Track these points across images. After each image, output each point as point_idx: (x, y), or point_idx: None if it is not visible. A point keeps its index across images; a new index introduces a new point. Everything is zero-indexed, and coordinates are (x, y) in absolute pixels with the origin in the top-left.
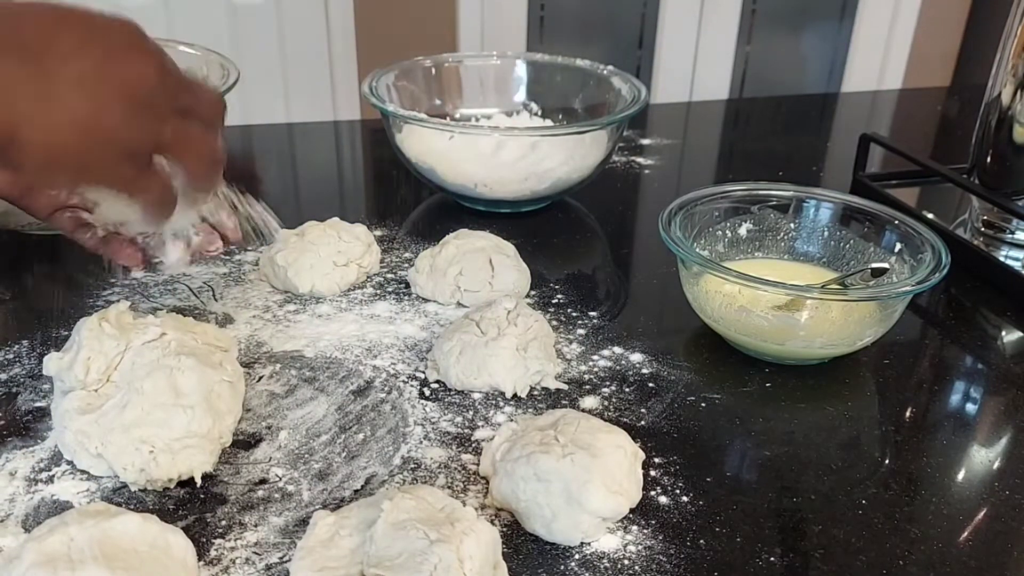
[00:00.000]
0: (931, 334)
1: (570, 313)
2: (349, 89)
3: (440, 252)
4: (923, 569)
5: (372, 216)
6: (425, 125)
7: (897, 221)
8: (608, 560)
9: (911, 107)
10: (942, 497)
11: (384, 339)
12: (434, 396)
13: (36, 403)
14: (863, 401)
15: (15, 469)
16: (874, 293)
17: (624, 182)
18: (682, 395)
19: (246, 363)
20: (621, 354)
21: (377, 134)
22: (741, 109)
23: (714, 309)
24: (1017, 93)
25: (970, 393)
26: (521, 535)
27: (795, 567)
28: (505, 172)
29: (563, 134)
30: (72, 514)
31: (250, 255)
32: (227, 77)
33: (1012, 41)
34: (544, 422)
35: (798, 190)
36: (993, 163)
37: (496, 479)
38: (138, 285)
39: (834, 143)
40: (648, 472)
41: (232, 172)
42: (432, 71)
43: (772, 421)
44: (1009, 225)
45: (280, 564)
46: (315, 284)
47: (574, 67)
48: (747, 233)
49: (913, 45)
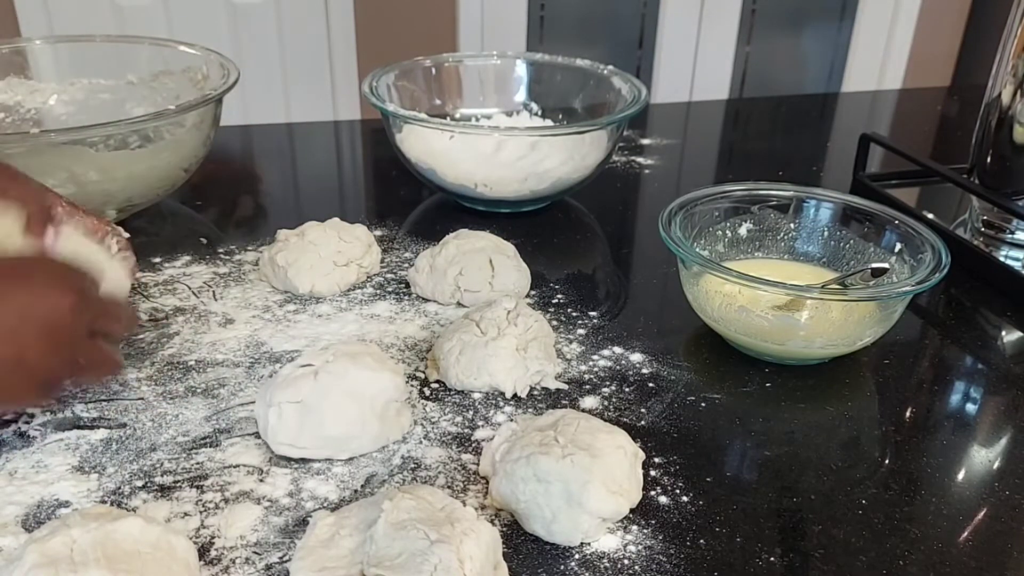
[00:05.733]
0: (931, 334)
1: (570, 313)
2: (349, 89)
3: (440, 252)
4: (923, 569)
5: (372, 216)
6: (425, 125)
7: (897, 221)
8: (608, 560)
9: (911, 107)
10: (942, 497)
11: (384, 339)
12: (434, 396)
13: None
14: (863, 401)
15: (15, 469)
16: (874, 293)
17: (624, 182)
18: (682, 395)
19: (246, 363)
20: (621, 354)
21: (377, 134)
22: (741, 109)
23: (714, 309)
24: (1017, 93)
25: (970, 393)
26: (521, 535)
27: (795, 567)
28: (505, 172)
29: (563, 134)
30: (74, 516)
31: (250, 255)
32: (227, 77)
33: (1012, 41)
34: (544, 422)
35: (798, 190)
36: (993, 163)
37: (496, 479)
38: (138, 285)
39: (834, 143)
40: (648, 472)
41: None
42: (432, 71)
43: (772, 421)
44: (1009, 225)
45: (280, 564)
46: (315, 284)
47: (574, 67)
48: (747, 233)
49: (913, 45)
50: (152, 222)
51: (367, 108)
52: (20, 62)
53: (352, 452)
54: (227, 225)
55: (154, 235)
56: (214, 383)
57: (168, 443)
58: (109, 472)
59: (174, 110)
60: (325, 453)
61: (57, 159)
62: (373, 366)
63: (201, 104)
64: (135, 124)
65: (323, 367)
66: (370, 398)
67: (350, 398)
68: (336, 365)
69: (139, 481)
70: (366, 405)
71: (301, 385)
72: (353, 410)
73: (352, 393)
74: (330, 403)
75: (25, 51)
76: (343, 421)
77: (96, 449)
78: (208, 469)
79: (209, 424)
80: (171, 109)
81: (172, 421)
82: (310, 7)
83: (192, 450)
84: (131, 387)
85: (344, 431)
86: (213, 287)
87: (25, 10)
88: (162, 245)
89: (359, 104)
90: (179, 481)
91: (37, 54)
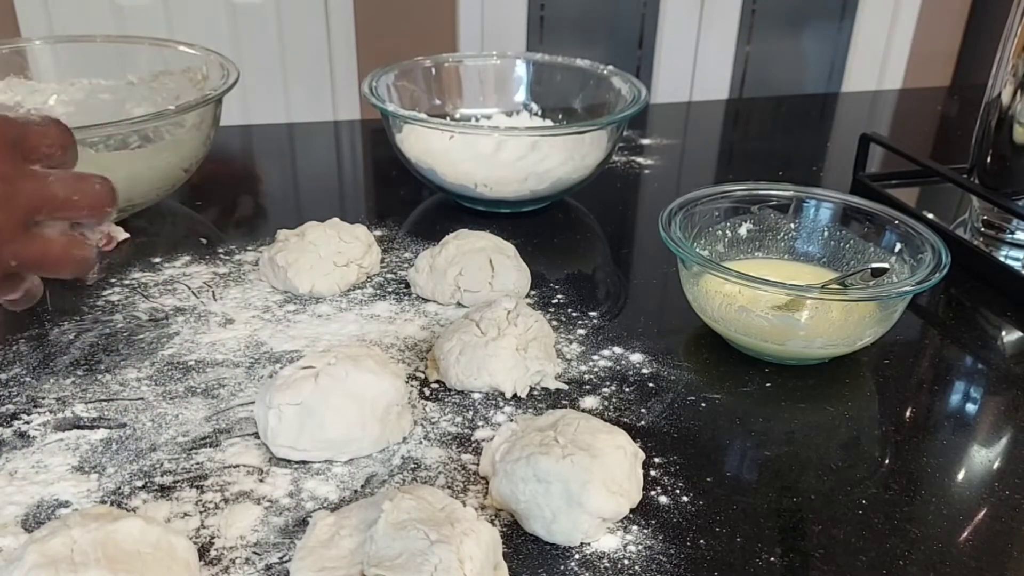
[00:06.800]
0: (931, 334)
1: (570, 313)
2: (349, 89)
3: (440, 252)
4: (923, 569)
5: (372, 216)
6: (425, 125)
7: (897, 221)
8: (608, 560)
9: (911, 107)
10: (942, 497)
11: (384, 339)
12: (434, 396)
13: None
14: (863, 401)
15: (15, 469)
16: (874, 293)
17: (624, 182)
18: (682, 395)
19: (246, 363)
20: (621, 354)
21: (377, 134)
22: (741, 109)
23: (714, 309)
24: (1017, 93)
25: (970, 393)
26: (521, 535)
27: (795, 567)
28: (505, 172)
29: (563, 134)
30: (75, 516)
31: (250, 255)
32: (227, 77)
33: (1012, 41)
34: (544, 422)
35: (798, 190)
36: (993, 163)
37: (496, 480)
38: (138, 285)
39: (834, 143)
40: (648, 472)
41: (232, 172)
42: (432, 71)
43: (772, 421)
44: (1009, 225)
45: (280, 564)
46: (315, 284)
47: (574, 67)
48: (747, 233)
49: (913, 45)
50: (152, 222)
51: (367, 108)
52: (20, 62)
53: (352, 454)
54: (227, 225)
55: (154, 235)
56: (214, 383)
57: (168, 443)
58: (109, 472)
59: (174, 110)
60: (325, 455)
61: None
62: (375, 369)
63: (201, 104)
64: (135, 124)
65: (324, 369)
66: (371, 401)
67: (351, 401)
68: (337, 367)
69: (139, 481)
70: (367, 408)
71: (301, 387)
72: (353, 413)
73: (353, 396)
74: (330, 406)
75: (25, 51)
76: (343, 424)
77: (96, 449)
78: (208, 469)
79: (209, 424)
80: (171, 109)
81: (172, 421)
82: (310, 7)
83: (192, 450)
84: (131, 387)
85: (344, 434)
86: (213, 287)
87: (25, 10)
88: (162, 245)
89: (359, 104)
90: (179, 481)
91: (37, 54)
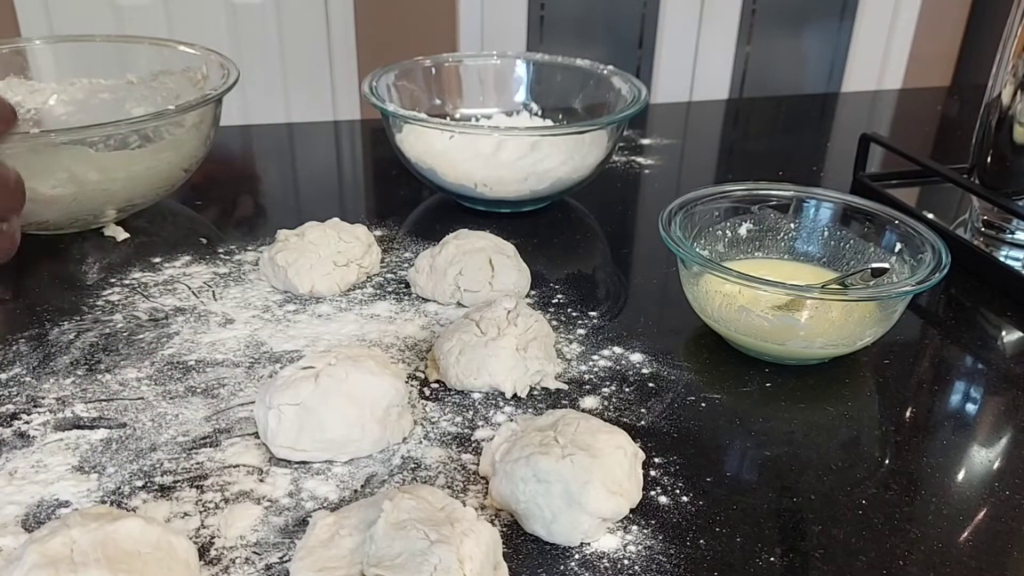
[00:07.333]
0: (931, 334)
1: (570, 313)
2: (349, 89)
3: (440, 252)
4: (923, 569)
5: (372, 216)
6: (425, 125)
7: (897, 221)
8: (608, 560)
9: (911, 107)
10: (942, 497)
11: (384, 339)
12: (434, 396)
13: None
14: (863, 401)
15: (15, 469)
16: (874, 293)
17: (624, 182)
18: (682, 395)
19: (246, 363)
20: (621, 354)
21: (377, 134)
22: (741, 109)
23: (714, 309)
24: (1017, 93)
25: (970, 393)
26: (521, 535)
27: (795, 567)
28: (505, 172)
29: (563, 134)
30: (74, 516)
31: (250, 255)
32: (227, 77)
33: (1012, 41)
34: (544, 422)
35: (798, 190)
36: (993, 163)
37: (495, 480)
38: (138, 285)
39: (834, 143)
40: (648, 472)
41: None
42: (432, 71)
43: (772, 421)
44: (1009, 225)
45: (280, 564)
46: (315, 284)
47: (574, 67)
48: (747, 233)
49: (913, 45)
50: (152, 222)
51: (367, 108)
52: (20, 62)
53: (352, 455)
54: (227, 225)
55: (154, 235)
56: (214, 383)
57: (168, 443)
58: (109, 472)
59: (174, 110)
60: (325, 456)
61: (57, 159)
62: (375, 370)
63: (201, 104)
64: (135, 124)
65: (324, 370)
66: (371, 402)
67: (351, 402)
68: (337, 368)
69: (139, 481)
70: (367, 409)
71: (301, 387)
72: (353, 414)
73: (353, 397)
74: (330, 406)
75: (25, 51)
76: (343, 424)
77: (96, 449)
78: (208, 469)
79: (209, 424)
80: (171, 109)
81: (172, 421)
82: (310, 7)
83: (192, 450)
84: (131, 387)
85: (344, 434)
86: (213, 287)
87: (25, 10)
88: (162, 245)
89: (359, 104)
90: (179, 481)
91: (37, 54)
